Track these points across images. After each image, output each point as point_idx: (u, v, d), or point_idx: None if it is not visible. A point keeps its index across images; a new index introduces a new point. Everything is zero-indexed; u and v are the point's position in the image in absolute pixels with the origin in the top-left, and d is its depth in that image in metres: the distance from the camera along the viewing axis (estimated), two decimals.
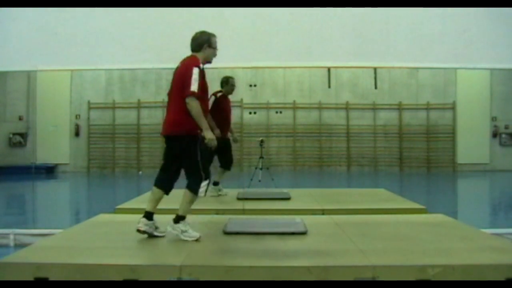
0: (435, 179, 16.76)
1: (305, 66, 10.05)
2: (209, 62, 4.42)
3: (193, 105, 4.06)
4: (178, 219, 4.12)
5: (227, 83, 6.65)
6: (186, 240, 4.03)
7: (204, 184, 4.19)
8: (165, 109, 4.42)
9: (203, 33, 4.40)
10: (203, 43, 4.35)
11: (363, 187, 11.79)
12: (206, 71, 4.38)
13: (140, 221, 4.19)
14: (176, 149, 4.25)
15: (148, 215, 4.23)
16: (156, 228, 4.24)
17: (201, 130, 4.12)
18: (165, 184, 4.32)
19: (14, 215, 9.06)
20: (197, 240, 4.04)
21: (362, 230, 4.48)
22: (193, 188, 4.17)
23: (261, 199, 6.45)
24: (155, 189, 4.32)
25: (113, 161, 18.83)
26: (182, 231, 4.08)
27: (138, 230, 4.16)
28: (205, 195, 4.28)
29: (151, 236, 4.17)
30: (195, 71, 4.11)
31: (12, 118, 18.73)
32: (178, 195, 4.29)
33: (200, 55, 4.32)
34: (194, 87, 4.07)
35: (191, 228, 4.12)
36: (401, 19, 5.91)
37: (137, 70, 15.99)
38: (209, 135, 4.12)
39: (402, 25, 5.94)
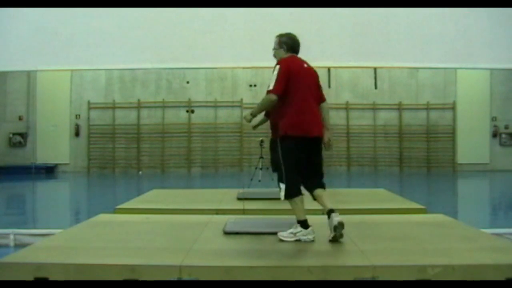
0: (435, 179, 16.76)
1: None
2: None
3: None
4: (303, 223, 4.03)
5: None
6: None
7: None
8: (164, 109, 4.47)
9: None
10: None
11: (363, 187, 11.80)
12: (207, 71, 4.41)
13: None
14: (318, 149, 4.25)
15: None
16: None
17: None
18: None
19: (14, 215, 9.06)
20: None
21: (362, 230, 4.48)
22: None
23: (261, 199, 6.45)
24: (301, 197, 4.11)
25: (113, 161, 18.83)
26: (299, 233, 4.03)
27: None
28: None
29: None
30: None
31: (12, 118, 18.73)
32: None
33: None
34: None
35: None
36: (401, 19, 5.90)
37: (137, 70, 15.99)
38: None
39: (402, 25, 5.93)
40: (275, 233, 4.28)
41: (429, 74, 18.65)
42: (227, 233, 4.32)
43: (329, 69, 11.26)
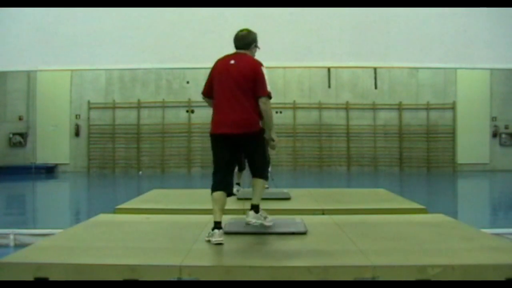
0: (435, 179, 16.76)
1: (305, 66, 10.03)
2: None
3: (269, 106, 4.16)
4: (257, 208, 4.38)
5: None
6: (267, 226, 4.38)
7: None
8: (164, 109, 4.50)
9: (250, 32, 4.38)
10: (252, 43, 4.34)
11: (363, 187, 11.79)
12: (207, 71, 4.42)
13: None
14: (250, 146, 4.28)
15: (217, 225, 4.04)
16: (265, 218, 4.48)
17: (269, 130, 4.31)
18: (230, 186, 4.44)
19: (14, 215, 9.06)
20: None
21: (362, 230, 4.48)
22: (264, 175, 4.38)
23: (261, 199, 6.43)
24: (220, 194, 4.19)
25: (113, 161, 18.84)
26: (265, 218, 4.40)
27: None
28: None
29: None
30: (265, 71, 4.19)
31: (12, 118, 18.74)
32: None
33: (250, 53, 4.34)
34: (268, 87, 4.17)
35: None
36: (401, 19, 5.91)
37: (137, 70, 16.00)
38: (276, 137, 4.40)
39: (402, 25, 5.94)
40: (275, 233, 4.29)
41: (429, 74, 18.66)
42: (227, 233, 4.31)
43: (329, 69, 11.28)
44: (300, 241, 4.09)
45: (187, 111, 18.68)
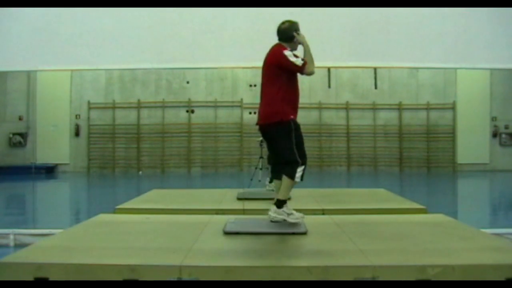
0: (435, 179, 16.76)
1: None
2: (295, 49, 4.48)
3: (309, 70, 4.33)
4: (280, 203, 4.25)
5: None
6: (292, 223, 4.21)
7: (300, 169, 4.27)
8: (164, 109, 4.49)
9: (291, 23, 4.47)
10: (292, 34, 4.45)
11: (363, 187, 11.79)
12: (208, 71, 4.45)
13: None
14: (270, 135, 4.41)
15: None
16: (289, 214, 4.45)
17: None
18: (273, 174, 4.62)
19: (14, 215, 9.06)
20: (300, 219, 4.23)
21: (362, 230, 4.48)
22: (289, 173, 4.25)
23: (261, 199, 6.44)
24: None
25: (113, 161, 18.83)
26: (288, 214, 4.23)
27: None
28: (301, 179, 4.31)
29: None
30: (287, 53, 4.27)
31: (12, 118, 18.73)
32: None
33: (288, 45, 4.42)
34: (298, 61, 4.25)
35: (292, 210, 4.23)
36: (401, 19, 5.90)
37: (137, 70, 15.99)
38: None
39: (402, 25, 5.93)
40: (275, 233, 4.28)
41: (429, 74, 18.66)
42: (227, 233, 4.32)
43: (329, 69, 11.25)
44: (300, 241, 4.09)
45: (187, 111, 18.69)
